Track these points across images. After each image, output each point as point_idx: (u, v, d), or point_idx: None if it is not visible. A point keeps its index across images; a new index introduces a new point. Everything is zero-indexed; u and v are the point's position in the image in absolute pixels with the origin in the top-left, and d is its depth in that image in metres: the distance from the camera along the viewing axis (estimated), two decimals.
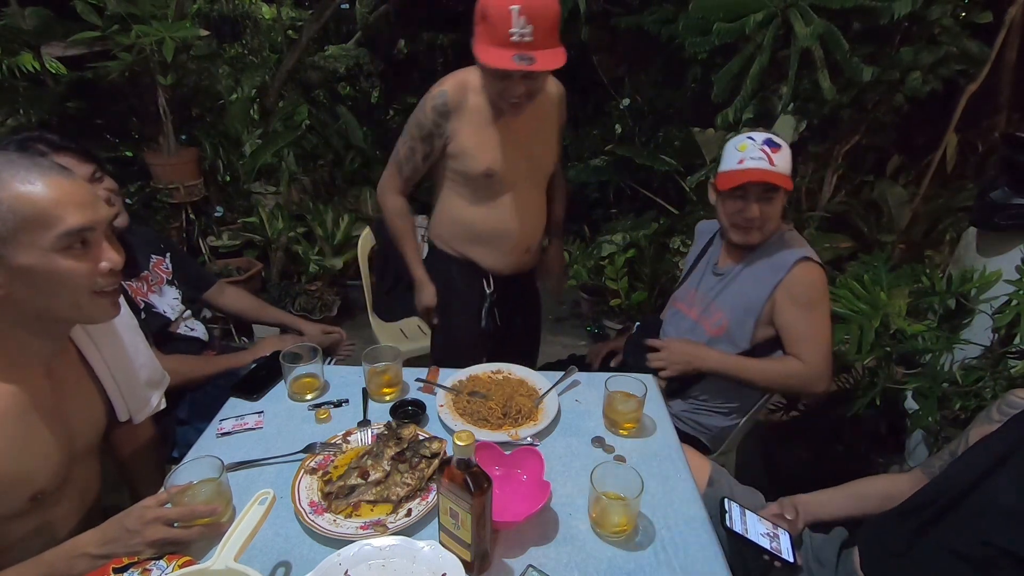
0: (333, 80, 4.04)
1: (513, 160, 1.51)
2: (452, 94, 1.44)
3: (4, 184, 0.76)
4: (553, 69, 1.32)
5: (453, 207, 1.60)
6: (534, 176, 1.60)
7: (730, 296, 1.46)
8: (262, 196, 3.44)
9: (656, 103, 3.42)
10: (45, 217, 0.78)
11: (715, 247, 1.59)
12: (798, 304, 1.37)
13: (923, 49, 2.34)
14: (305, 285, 3.28)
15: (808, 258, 1.38)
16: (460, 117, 1.46)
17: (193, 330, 1.67)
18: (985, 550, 0.88)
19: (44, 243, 0.78)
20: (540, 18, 1.25)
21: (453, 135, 1.47)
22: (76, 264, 0.81)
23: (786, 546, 1.02)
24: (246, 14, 3.69)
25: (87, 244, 0.82)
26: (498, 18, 1.24)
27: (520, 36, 1.25)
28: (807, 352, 1.36)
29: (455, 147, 1.49)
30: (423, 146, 1.51)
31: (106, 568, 0.80)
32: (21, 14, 2.77)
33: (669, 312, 1.65)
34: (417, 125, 1.49)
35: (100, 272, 0.83)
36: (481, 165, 1.48)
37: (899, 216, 2.92)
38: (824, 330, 1.38)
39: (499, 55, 1.27)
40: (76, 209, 0.80)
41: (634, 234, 3.07)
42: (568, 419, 1.23)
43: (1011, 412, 1.01)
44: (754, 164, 1.36)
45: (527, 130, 1.51)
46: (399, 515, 0.94)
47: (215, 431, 1.17)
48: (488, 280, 1.66)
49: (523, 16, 1.23)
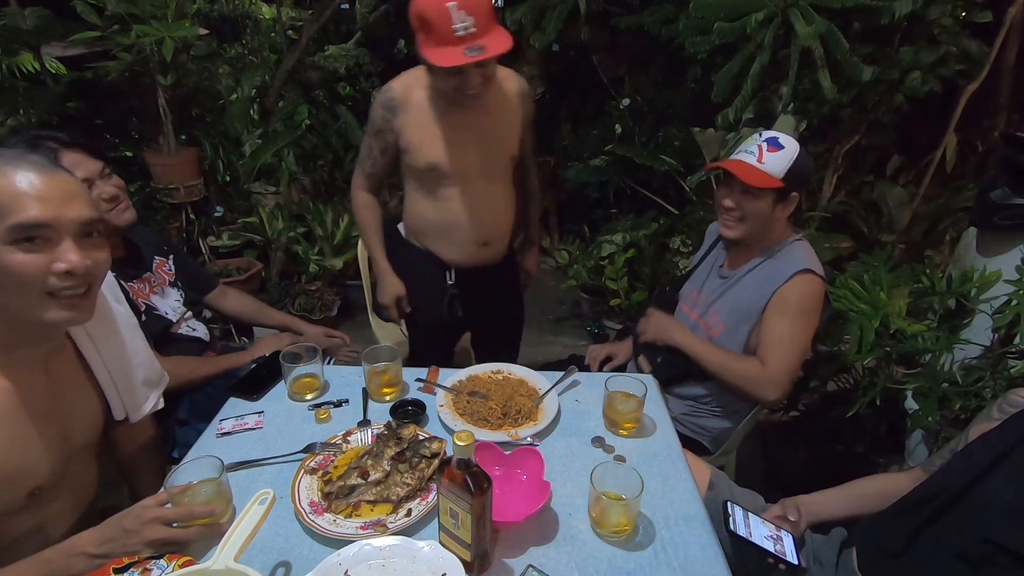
0: (333, 80, 4.03)
1: (461, 154, 1.53)
2: (399, 91, 1.51)
3: None
4: (505, 51, 1.33)
5: (412, 200, 1.66)
6: (489, 169, 1.60)
7: (729, 301, 1.46)
8: (262, 196, 3.44)
9: (656, 103, 3.42)
10: (1, 208, 0.76)
11: (720, 249, 1.58)
12: (784, 311, 1.36)
13: (923, 49, 2.34)
14: (305, 285, 3.28)
15: (810, 271, 1.35)
16: (407, 113, 1.51)
17: (194, 330, 1.67)
18: (983, 547, 0.88)
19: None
20: (477, 7, 1.28)
21: (402, 130, 1.53)
22: (25, 259, 0.77)
23: (790, 548, 1.02)
24: (246, 14, 3.69)
25: (46, 241, 0.79)
26: (438, 19, 1.27)
27: (464, 30, 1.28)
28: (771, 357, 1.36)
29: (404, 142, 1.54)
30: (377, 142, 1.58)
31: (106, 568, 0.80)
32: (21, 14, 2.77)
33: (676, 309, 1.65)
34: (371, 122, 1.57)
35: (53, 271, 0.79)
36: (425, 159, 1.52)
37: (899, 216, 2.92)
38: (798, 342, 1.37)
39: (451, 54, 1.29)
40: (37, 204, 0.77)
41: (634, 234, 3.07)
42: (568, 419, 1.23)
43: (1011, 411, 1.01)
44: (742, 157, 1.38)
45: (479, 124, 1.53)
46: (399, 515, 0.94)
47: (215, 431, 1.17)
48: (450, 273, 1.70)
49: (461, 10, 1.26)
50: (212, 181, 3.29)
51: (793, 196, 1.38)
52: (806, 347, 1.39)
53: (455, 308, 1.72)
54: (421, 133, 1.51)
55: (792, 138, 1.38)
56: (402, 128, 1.52)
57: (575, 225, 3.82)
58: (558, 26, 3.07)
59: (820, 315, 1.40)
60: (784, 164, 1.34)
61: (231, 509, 0.95)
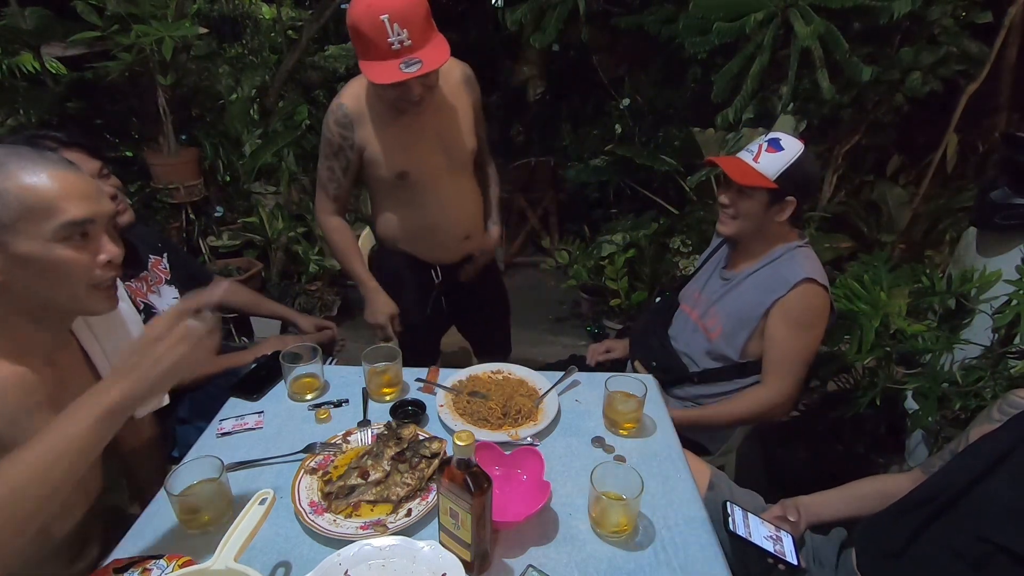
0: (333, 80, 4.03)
1: (427, 156, 1.52)
2: (351, 105, 1.46)
3: (10, 174, 0.78)
4: (442, 63, 1.31)
5: (384, 209, 1.64)
6: (453, 166, 1.59)
7: (729, 304, 1.45)
8: (262, 196, 3.44)
9: (656, 103, 3.41)
10: (47, 207, 0.79)
11: (724, 250, 1.58)
12: (790, 324, 1.35)
13: (923, 49, 2.34)
14: (305, 285, 3.28)
15: (812, 280, 1.33)
16: (363, 125, 1.47)
17: None
18: (982, 547, 0.88)
19: (45, 233, 0.80)
20: (412, 18, 1.25)
21: (363, 144, 1.49)
22: (75, 255, 0.82)
23: (789, 548, 1.02)
24: (246, 14, 3.69)
25: (87, 236, 0.83)
26: (372, 32, 1.25)
27: (399, 43, 1.25)
28: (778, 376, 1.37)
29: (368, 155, 1.51)
30: (339, 162, 1.53)
31: (106, 568, 0.81)
32: (21, 14, 2.77)
33: (676, 311, 1.65)
34: (327, 143, 1.52)
35: (98, 264, 0.84)
36: (395, 168, 1.50)
37: (899, 216, 2.92)
38: (806, 354, 1.37)
39: (385, 69, 1.27)
40: (78, 201, 0.81)
41: (634, 234, 3.07)
42: (568, 419, 1.23)
43: (1012, 412, 1.01)
44: (741, 155, 1.38)
45: (435, 122, 1.52)
46: (399, 515, 0.94)
47: (215, 431, 1.17)
48: (436, 271, 1.69)
49: (395, 22, 1.23)
50: (212, 181, 3.29)
51: (789, 200, 1.35)
52: (812, 357, 1.39)
53: (440, 304, 1.73)
54: (383, 143, 1.49)
55: (798, 142, 1.35)
56: (363, 142, 1.49)
57: (575, 225, 3.82)
58: (558, 26, 3.07)
59: (825, 325, 1.38)
60: (779, 166, 1.32)
61: (231, 509, 0.95)
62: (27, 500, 0.70)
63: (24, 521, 0.71)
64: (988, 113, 2.95)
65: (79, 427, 0.74)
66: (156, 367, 0.78)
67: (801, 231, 1.47)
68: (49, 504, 0.73)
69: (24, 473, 0.71)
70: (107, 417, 0.76)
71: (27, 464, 0.71)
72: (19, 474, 0.70)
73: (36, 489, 0.71)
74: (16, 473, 0.70)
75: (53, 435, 0.73)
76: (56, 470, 0.72)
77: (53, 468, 0.72)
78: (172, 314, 0.83)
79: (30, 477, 0.71)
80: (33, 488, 0.71)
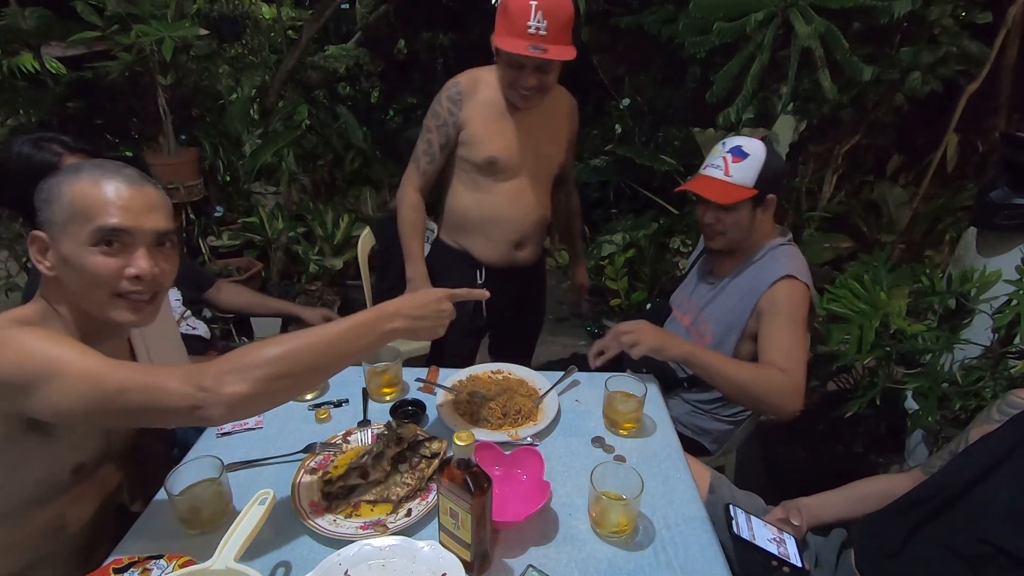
0: (333, 80, 4.04)
1: (519, 151, 1.58)
2: (465, 85, 1.55)
3: (77, 181, 0.84)
4: (564, 60, 1.41)
5: (455, 195, 1.67)
6: (538, 171, 1.66)
7: (717, 308, 1.45)
8: (262, 196, 3.45)
9: (656, 103, 3.42)
10: (88, 213, 0.83)
11: (709, 253, 1.58)
12: (777, 314, 1.32)
13: (923, 49, 2.35)
14: (305, 285, 3.28)
15: (793, 276, 1.32)
16: (472, 106, 1.55)
17: (195, 328, 1.67)
18: (981, 548, 0.88)
19: (81, 236, 0.83)
20: (556, 16, 1.36)
21: (465, 123, 1.56)
22: (103, 260, 0.84)
23: (793, 551, 1.02)
24: (246, 14, 3.69)
25: (123, 246, 0.86)
26: (517, 11, 1.36)
27: (536, 29, 1.36)
28: (787, 362, 1.27)
29: (466, 135, 1.56)
30: (439, 136, 1.59)
31: (106, 568, 0.81)
32: (21, 14, 2.77)
33: (669, 317, 1.65)
34: (433, 115, 1.58)
35: (125, 275, 0.86)
36: (487, 152, 1.56)
37: (899, 216, 2.92)
38: (802, 348, 1.31)
39: (515, 43, 1.38)
40: (120, 212, 0.84)
41: (634, 234, 3.07)
42: (568, 419, 1.23)
43: (1011, 412, 1.01)
44: (709, 172, 1.37)
45: (536, 127, 1.59)
46: (399, 515, 0.94)
47: (215, 431, 1.17)
48: (480, 272, 1.70)
49: (540, 11, 1.35)
50: (212, 181, 3.29)
51: (770, 199, 1.37)
52: (807, 354, 1.35)
53: (481, 309, 1.73)
54: (483, 126, 1.56)
55: (757, 141, 1.36)
56: (466, 120, 1.55)
57: None
58: None
59: (808, 322, 1.36)
60: (753, 172, 1.33)
61: (231, 509, 0.95)
62: (305, 361, 0.83)
63: (296, 378, 0.84)
64: (988, 113, 2.96)
65: (363, 340, 0.89)
66: (431, 324, 0.98)
67: (783, 227, 1.48)
68: (322, 375, 0.90)
69: (312, 341, 0.85)
70: (384, 336, 0.92)
71: (331, 333, 0.86)
72: (310, 340, 0.84)
73: (320, 355, 0.85)
74: (308, 339, 0.84)
75: (351, 322, 0.89)
76: (342, 348, 0.87)
77: (343, 344, 0.87)
78: (445, 293, 1.02)
79: (329, 342, 0.86)
80: (319, 354, 0.85)
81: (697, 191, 1.36)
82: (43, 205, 0.85)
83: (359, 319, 0.89)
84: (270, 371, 0.80)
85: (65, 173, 0.86)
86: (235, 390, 0.78)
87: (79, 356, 0.79)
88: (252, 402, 0.80)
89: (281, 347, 0.81)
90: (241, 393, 0.78)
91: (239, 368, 0.79)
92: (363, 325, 0.89)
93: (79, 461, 0.90)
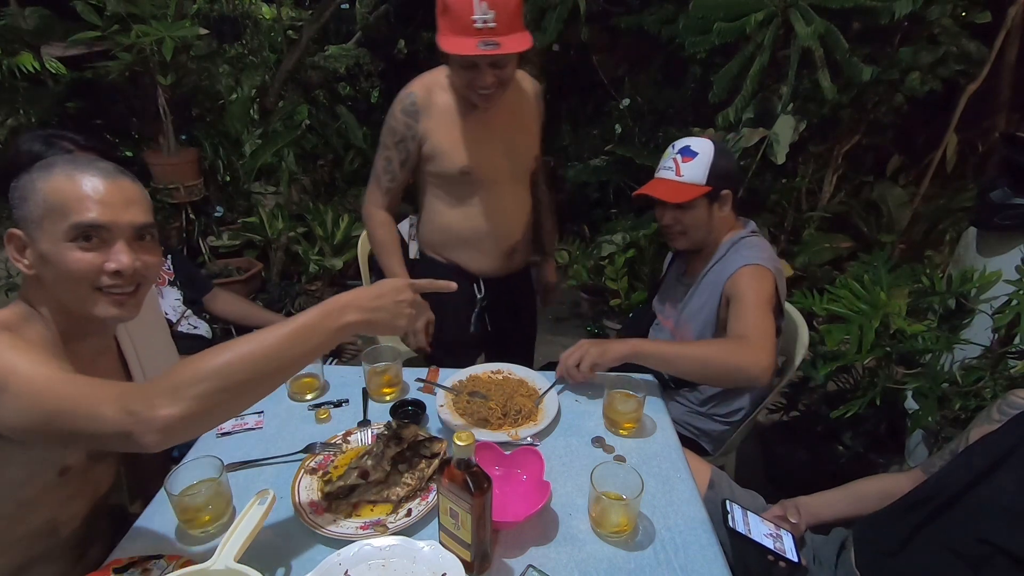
0: (333, 80, 4.04)
1: (491, 156, 1.48)
2: (420, 94, 1.43)
3: (51, 177, 0.82)
4: (519, 51, 1.28)
5: (436, 212, 1.57)
6: (515, 172, 1.56)
7: (693, 307, 1.46)
8: (262, 196, 3.45)
9: (656, 103, 3.42)
10: (64, 208, 0.82)
11: (681, 256, 1.60)
12: (740, 296, 1.30)
13: (923, 49, 2.35)
14: (305, 285, 3.29)
15: (755, 263, 1.32)
16: (430, 116, 1.44)
17: (196, 328, 1.67)
18: (981, 548, 0.88)
19: (58, 232, 0.82)
20: (502, 3, 1.23)
21: (426, 136, 1.45)
22: (82, 256, 0.83)
23: (790, 546, 1.02)
24: (246, 14, 3.69)
25: (102, 241, 0.84)
26: (459, 6, 1.22)
27: (483, 22, 1.22)
28: (749, 331, 1.23)
29: (429, 148, 1.46)
30: (398, 153, 1.48)
31: (106, 568, 0.81)
32: (21, 14, 2.77)
33: (654, 323, 1.65)
34: (390, 132, 1.47)
35: (105, 270, 0.85)
36: (457, 163, 1.45)
37: (899, 216, 2.92)
38: (765, 320, 1.26)
39: (462, 43, 1.24)
40: (97, 207, 0.83)
41: (634, 234, 3.07)
42: (568, 419, 1.23)
43: (1011, 412, 1.01)
44: (662, 174, 1.40)
45: (503, 124, 1.48)
46: (399, 515, 0.94)
47: (215, 431, 1.17)
48: (479, 285, 1.63)
49: (484, 2, 1.21)
50: (212, 181, 3.29)
51: (725, 194, 1.39)
52: (775, 330, 1.29)
53: (483, 322, 1.67)
54: (448, 137, 1.45)
55: (705, 140, 1.39)
56: (426, 133, 1.45)
57: (575, 225, 3.82)
58: (558, 26, 3.08)
59: (775, 303, 1.33)
60: (703, 169, 1.36)
61: (231, 509, 0.95)
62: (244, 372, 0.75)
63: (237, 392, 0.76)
64: (988, 113, 2.96)
65: (310, 342, 0.80)
66: (390, 315, 0.88)
67: (746, 219, 1.49)
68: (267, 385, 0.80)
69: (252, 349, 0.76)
70: (337, 333, 0.82)
71: (269, 341, 0.77)
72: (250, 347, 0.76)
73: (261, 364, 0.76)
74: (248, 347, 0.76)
75: (294, 324, 0.79)
76: (286, 354, 0.78)
77: (285, 351, 0.78)
78: (407, 283, 0.93)
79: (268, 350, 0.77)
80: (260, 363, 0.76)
81: (651, 193, 1.39)
82: (18, 203, 0.83)
83: (305, 319, 0.81)
84: (205, 388, 0.72)
85: (39, 169, 0.84)
86: (166, 413, 0.70)
87: (29, 369, 0.75)
88: (189, 424, 0.73)
89: (217, 359, 0.74)
90: (174, 416, 0.71)
91: (170, 388, 0.72)
92: (309, 326, 0.81)
93: (64, 464, 0.88)
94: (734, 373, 1.22)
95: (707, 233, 1.42)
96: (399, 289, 0.91)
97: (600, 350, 1.23)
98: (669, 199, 1.37)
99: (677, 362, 1.25)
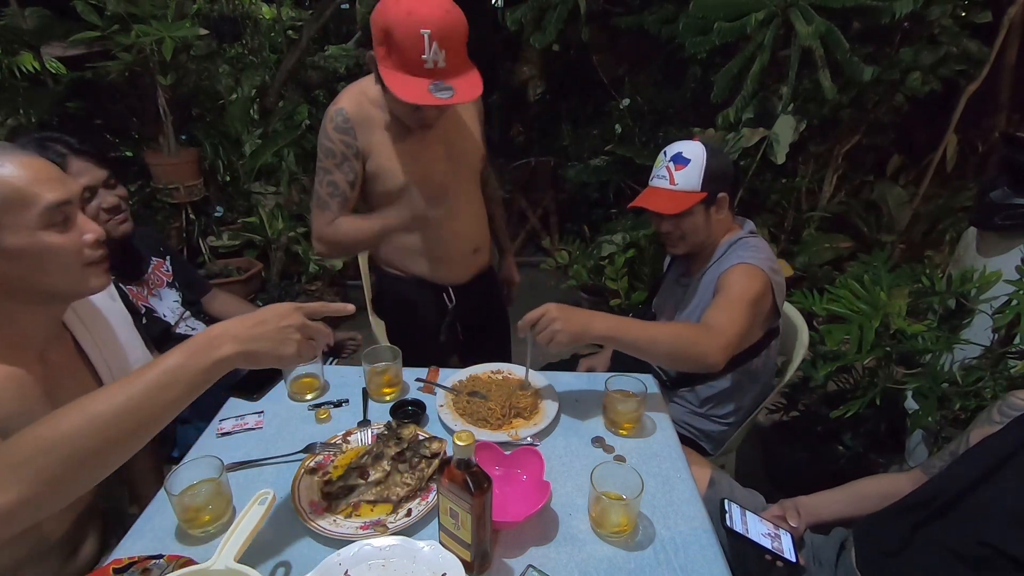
0: (333, 80, 4.03)
1: (434, 164, 1.42)
2: (350, 109, 1.35)
3: None
4: (473, 99, 1.21)
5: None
6: (461, 175, 1.50)
7: (690, 307, 1.46)
8: (262, 196, 3.45)
9: (656, 103, 3.42)
10: (24, 197, 0.79)
11: (680, 257, 1.60)
12: (723, 291, 1.31)
13: (923, 49, 2.35)
14: (305, 285, 3.29)
15: (747, 263, 1.33)
16: (367, 131, 1.36)
17: (194, 329, 1.67)
18: (981, 550, 0.88)
19: (29, 222, 0.79)
20: (452, 40, 1.16)
21: (367, 152, 1.37)
22: (62, 238, 0.82)
23: (788, 546, 1.02)
24: (246, 14, 3.69)
25: (67, 217, 0.83)
26: (408, 43, 1.14)
27: (434, 63, 1.15)
28: (715, 320, 1.23)
29: (372, 166, 1.38)
30: (344, 173, 1.38)
31: (106, 568, 0.80)
32: (21, 14, 2.77)
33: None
34: (327, 154, 1.37)
35: (86, 244, 0.84)
36: (401, 179, 1.38)
37: (899, 216, 2.93)
38: (737, 313, 1.25)
39: (414, 87, 1.16)
40: (50, 185, 0.81)
41: (634, 234, 3.07)
42: (568, 419, 1.23)
43: (1012, 414, 1.01)
44: (656, 183, 1.40)
45: (443, 132, 1.42)
46: (399, 515, 0.94)
47: (215, 431, 1.17)
48: (449, 294, 1.58)
49: (435, 41, 1.13)
50: (212, 181, 3.29)
51: (721, 197, 1.39)
52: (745, 327, 1.26)
53: (455, 330, 1.63)
54: (389, 153, 1.37)
55: (696, 144, 1.38)
56: (367, 149, 1.36)
57: (575, 225, 3.82)
58: (558, 26, 3.08)
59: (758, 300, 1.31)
60: (696, 175, 1.35)
61: (231, 509, 0.95)
62: (98, 436, 0.67)
63: (91, 460, 0.68)
64: (988, 113, 2.96)
65: (175, 389, 0.72)
66: (273, 344, 0.79)
67: (744, 219, 1.49)
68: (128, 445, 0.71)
69: (106, 409, 0.68)
70: (209, 371, 0.74)
71: (125, 395, 0.69)
72: (104, 406, 0.68)
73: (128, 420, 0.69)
74: (102, 405, 0.68)
75: (155, 370, 0.71)
76: (147, 408, 0.70)
77: (146, 403, 0.70)
78: (293, 307, 0.84)
79: (124, 407, 0.68)
80: (117, 422, 0.68)
81: (648, 206, 1.39)
82: None
83: (169, 362, 0.73)
84: (44, 462, 0.64)
85: None
86: (1, 500, 0.62)
87: None
88: (31, 506, 0.64)
89: (62, 425, 0.65)
90: (10, 502, 0.62)
91: (4, 468, 0.63)
92: (172, 369, 0.72)
93: None
94: (689, 359, 1.19)
95: (705, 236, 1.42)
96: (282, 315, 0.82)
97: (570, 335, 1.12)
98: (666, 211, 1.36)
99: (651, 349, 1.19)
